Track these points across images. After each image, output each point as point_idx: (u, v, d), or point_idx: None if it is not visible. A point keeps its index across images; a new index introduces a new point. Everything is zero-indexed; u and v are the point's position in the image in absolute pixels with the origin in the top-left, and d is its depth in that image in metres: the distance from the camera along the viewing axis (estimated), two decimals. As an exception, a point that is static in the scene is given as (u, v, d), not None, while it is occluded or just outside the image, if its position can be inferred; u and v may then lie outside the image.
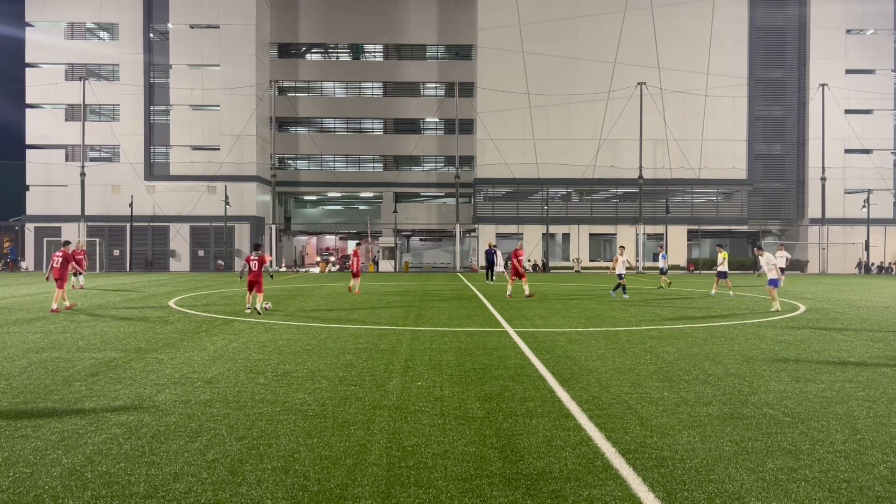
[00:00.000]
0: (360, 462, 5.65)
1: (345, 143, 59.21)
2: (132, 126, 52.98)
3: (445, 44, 58.61)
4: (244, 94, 52.75)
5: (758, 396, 8.11)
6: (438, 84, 58.82)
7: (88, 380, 8.98)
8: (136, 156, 52.84)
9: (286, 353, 11.19)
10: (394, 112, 58.76)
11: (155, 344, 12.22)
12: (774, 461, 5.71)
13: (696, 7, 54.45)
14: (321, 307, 19.74)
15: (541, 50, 54.02)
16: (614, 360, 10.58)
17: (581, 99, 53.91)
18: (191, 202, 52.33)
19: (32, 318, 16.56)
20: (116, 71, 53.43)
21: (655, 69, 53.88)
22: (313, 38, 58.44)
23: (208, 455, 5.83)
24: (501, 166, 54.15)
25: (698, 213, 56.37)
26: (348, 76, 59.03)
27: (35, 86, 52.96)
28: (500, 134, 54.14)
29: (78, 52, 53.16)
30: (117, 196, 52.08)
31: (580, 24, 54.30)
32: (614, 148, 54.26)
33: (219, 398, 7.94)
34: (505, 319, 16.40)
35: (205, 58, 52.77)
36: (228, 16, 52.47)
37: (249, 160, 53.01)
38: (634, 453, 5.89)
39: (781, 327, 15.04)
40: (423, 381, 8.92)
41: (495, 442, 6.21)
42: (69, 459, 5.70)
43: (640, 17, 54.20)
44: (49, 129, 53.08)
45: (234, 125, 52.68)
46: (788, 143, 56.94)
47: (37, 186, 52.98)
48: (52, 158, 52.92)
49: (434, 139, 58.95)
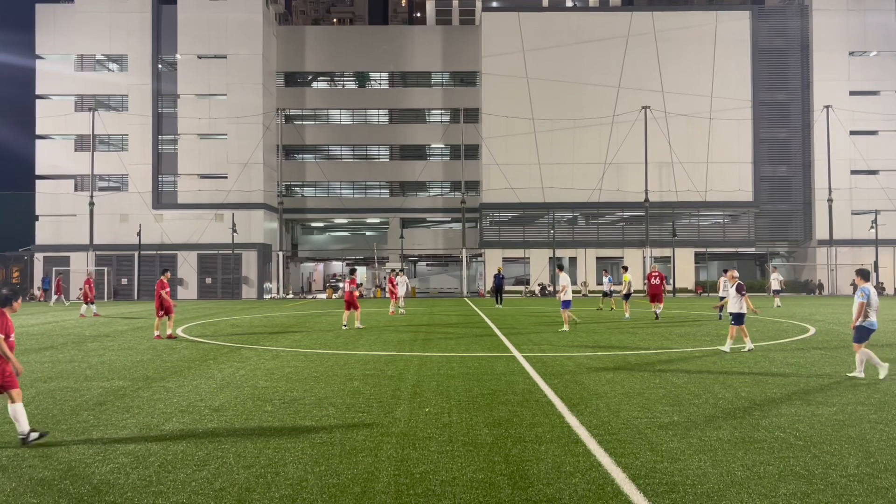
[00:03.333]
0: (368, 490, 5.61)
1: (351, 169, 59.57)
2: (140, 155, 53.46)
3: (450, 70, 59.16)
4: (251, 122, 53.25)
5: (769, 420, 8.03)
6: (444, 110, 59.26)
7: (96, 409, 8.98)
8: (144, 185, 53.25)
9: (293, 381, 11.17)
10: (400, 138, 59.17)
11: (162, 372, 12.22)
12: (787, 486, 5.65)
13: (699, 31, 54.88)
14: (328, 333, 19.73)
15: (545, 75, 54.45)
16: (623, 385, 10.52)
17: (586, 123, 54.19)
18: (198, 230, 52.60)
19: (41, 347, 16.60)
20: (125, 101, 54.05)
21: (659, 93, 54.19)
22: (319, 67, 59.09)
23: (216, 484, 5.81)
24: (507, 191, 54.31)
25: (705, 235, 56.27)
26: (354, 104, 59.56)
27: (45, 117, 53.58)
28: (506, 159, 54.40)
29: (87, 83, 53.84)
30: (125, 225, 52.41)
31: (583, 49, 54.76)
32: (619, 171, 54.39)
33: (226, 426, 7.92)
34: (513, 344, 16.34)
35: (212, 87, 53.37)
36: (235, 46, 53.15)
37: (257, 188, 53.34)
38: (645, 479, 5.84)
39: (791, 350, 14.93)
40: (431, 408, 8.88)
41: (504, 468, 6.17)
42: (76, 489, 5.69)
43: (643, 41, 54.64)
44: (58, 159, 53.60)
45: (242, 153, 53.10)
46: (794, 164, 56.96)
47: (46, 216, 53.37)
48: (61, 188, 53.37)
49: (440, 165, 59.27)
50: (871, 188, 54.67)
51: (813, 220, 55.60)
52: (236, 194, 52.76)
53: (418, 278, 63.75)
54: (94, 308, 28.94)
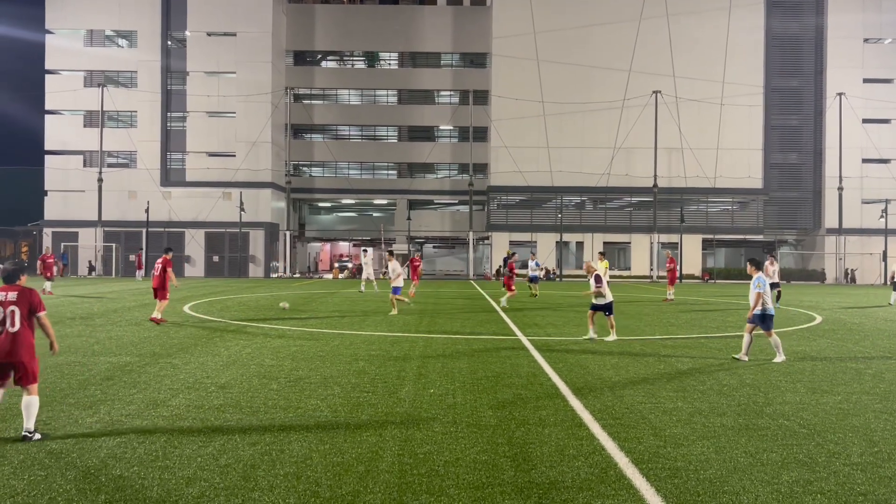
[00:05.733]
0: (372, 469, 5.65)
1: (359, 150, 59.41)
2: (149, 132, 53.43)
3: (460, 52, 58.73)
4: (260, 101, 53.10)
5: (773, 407, 8.04)
6: (453, 92, 58.92)
7: (104, 384, 9.05)
8: (152, 162, 53.27)
9: (299, 360, 11.22)
10: (408, 119, 58.91)
11: (169, 349, 12.30)
12: (790, 473, 5.66)
13: (712, 16, 54.25)
14: (334, 313, 19.79)
15: (555, 58, 54.02)
16: (628, 370, 10.53)
17: (596, 107, 53.82)
18: (206, 208, 52.66)
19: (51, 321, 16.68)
20: (134, 78, 53.94)
21: (671, 77, 53.71)
22: (329, 46, 58.76)
23: (221, 460, 5.86)
24: (515, 174, 54.11)
25: (713, 222, 56.00)
26: (363, 84, 59.27)
27: (54, 92, 53.54)
28: (515, 142, 54.13)
29: (97, 59, 53.71)
30: (134, 202, 52.49)
31: (595, 32, 54.26)
32: (629, 156, 54.08)
33: (232, 403, 7.98)
34: (518, 327, 16.36)
35: (221, 65, 53.17)
36: (245, 23, 52.86)
37: (264, 167, 53.29)
38: (648, 463, 5.86)
39: (797, 338, 14.90)
40: (436, 389, 8.91)
41: (507, 450, 6.20)
42: (84, 462, 5.75)
43: (656, 25, 54.07)
44: (67, 134, 53.62)
45: (250, 132, 53.00)
46: (805, 152, 56.50)
47: (55, 192, 53.49)
48: (69, 164, 53.43)
49: (448, 147, 59.05)
50: (883, 177, 54.24)
51: (823, 208, 55.25)
52: (244, 173, 52.74)
53: (425, 260, 63.78)
54: (49, 286, 27.35)
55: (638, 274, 53.84)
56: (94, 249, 50.20)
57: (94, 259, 52.28)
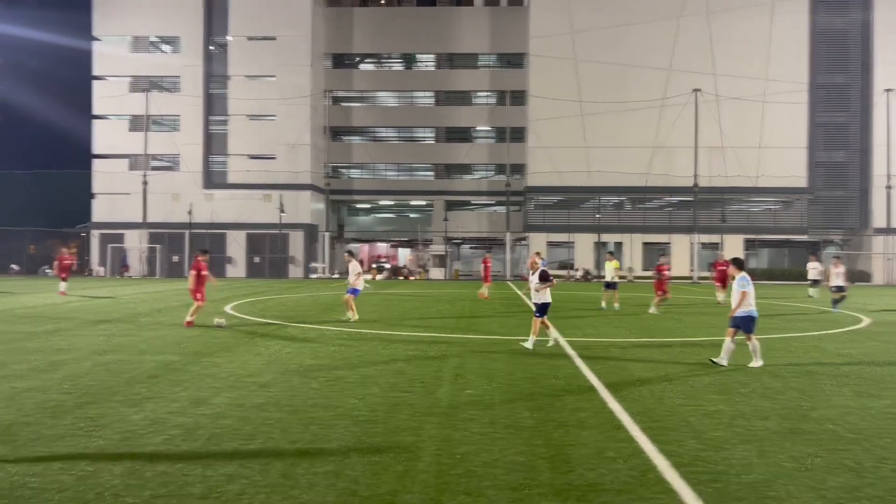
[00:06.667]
0: (410, 469, 5.68)
1: (397, 151, 59.73)
2: (192, 136, 54.50)
3: (497, 52, 58.64)
4: (299, 103, 53.74)
5: (819, 411, 7.86)
6: (490, 92, 58.85)
7: (149, 382, 9.26)
8: (195, 165, 54.32)
9: (338, 359, 11.33)
10: (445, 121, 59.03)
11: (212, 348, 12.52)
12: (836, 479, 5.53)
13: (754, 12, 53.19)
14: (372, 314, 19.93)
15: (593, 57, 53.56)
16: (668, 372, 10.40)
17: (634, 106, 53.18)
18: (247, 210, 53.47)
19: (98, 321, 17.15)
20: (178, 82, 55.11)
21: (711, 75, 52.80)
22: (367, 49, 59.17)
23: (262, 457, 5.95)
24: (553, 174, 53.78)
25: (756, 222, 54.91)
26: (401, 86, 59.58)
27: (101, 97, 54.97)
28: (552, 142, 53.80)
29: (142, 65, 55.03)
30: (177, 204, 53.55)
31: (634, 30, 53.63)
32: (668, 155, 53.34)
33: (273, 402, 8.10)
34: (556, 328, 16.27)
35: (262, 68, 53.98)
36: (285, 27, 53.59)
37: (304, 169, 53.93)
38: (688, 467, 5.78)
39: (844, 340, 14.54)
40: (474, 389, 8.92)
41: (545, 452, 6.17)
42: (130, 458, 5.89)
43: (696, 22, 53.23)
44: (114, 139, 54.99)
45: (290, 134, 53.69)
46: (851, 150, 55.06)
47: (102, 194, 54.91)
48: (116, 167, 54.78)
49: (485, 147, 59.00)
50: (933, 175, 52.62)
51: (870, 207, 53.79)
52: (284, 175, 53.43)
53: (462, 261, 63.78)
54: (65, 286, 26.78)
55: (678, 275, 53.06)
56: (139, 251, 51.34)
57: (140, 260, 53.52)
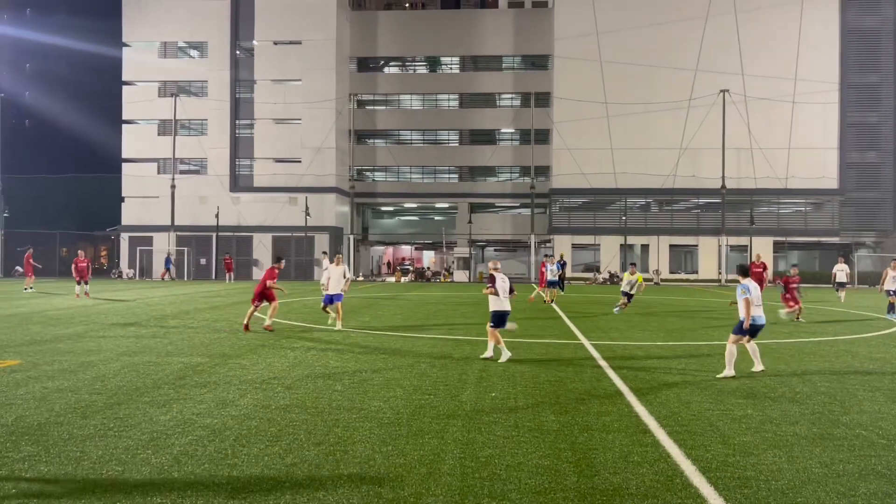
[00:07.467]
0: (434, 471, 5.68)
1: (421, 154, 59.87)
2: (219, 140, 55.15)
3: (521, 54, 58.53)
4: (324, 107, 54.11)
5: (850, 417, 7.71)
6: (514, 94, 58.74)
7: (176, 383, 9.37)
8: (222, 168, 54.95)
9: (363, 361, 11.38)
10: (469, 123, 59.05)
11: (238, 350, 12.64)
12: (868, 485, 5.42)
13: (783, 11, 52.47)
14: (396, 316, 19.98)
15: (619, 58, 53.21)
16: (695, 376, 10.28)
17: (660, 107, 52.73)
18: (273, 213, 53.95)
19: (127, 322, 17.41)
20: (205, 87, 55.80)
21: (739, 76, 52.18)
22: (391, 52, 59.42)
23: (287, 459, 5.99)
24: (578, 176, 53.50)
25: (785, 223, 54.09)
26: (425, 89, 59.73)
27: (131, 102, 55.88)
28: (577, 143, 53.55)
29: (170, 70, 55.87)
30: (204, 207, 54.18)
31: (660, 31, 53.19)
32: (695, 157, 52.77)
33: (298, 404, 8.15)
34: (581, 332, 16.18)
35: (287, 73, 54.47)
36: (310, 31, 54.02)
37: (329, 172, 54.28)
38: (716, 472, 5.71)
39: (877, 344, 14.26)
40: (498, 392, 8.90)
41: (570, 456, 6.13)
42: (158, 459, 5.96)
43: (723, 22, 52.63)
44: (143, 143, 55.85)
45: (315, 138, 54.09)
46: (884, 150, 54.01)
47: (131, 198, 55.79)
48: (145, 171, 55.62)
49: (509, 150, 58.89)
50: (970, 176, 51.43)
51: (903, 208, 52.75)
52: (309, 178, 53.82)
53: (486, 263, 63.68)
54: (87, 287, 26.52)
55: (706, 277, 52.47)
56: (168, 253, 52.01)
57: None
